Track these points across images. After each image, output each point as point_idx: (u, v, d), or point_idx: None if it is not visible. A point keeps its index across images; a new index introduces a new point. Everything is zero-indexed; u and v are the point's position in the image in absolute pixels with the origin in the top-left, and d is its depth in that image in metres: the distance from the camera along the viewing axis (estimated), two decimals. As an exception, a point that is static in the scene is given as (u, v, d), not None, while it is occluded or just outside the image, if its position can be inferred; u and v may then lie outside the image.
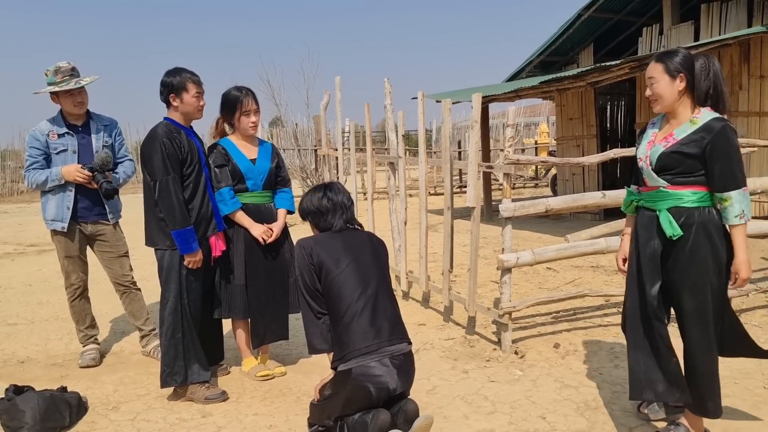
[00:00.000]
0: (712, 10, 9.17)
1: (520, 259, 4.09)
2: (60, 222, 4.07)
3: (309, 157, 15.53)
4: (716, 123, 2.70)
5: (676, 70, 2.74)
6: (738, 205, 2.66)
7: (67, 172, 3.98)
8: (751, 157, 8.14)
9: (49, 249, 9.38)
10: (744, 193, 2.68)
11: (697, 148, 2.70)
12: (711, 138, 2.67)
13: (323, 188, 3.18)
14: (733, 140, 2.69)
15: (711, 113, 2.75)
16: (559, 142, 12.44)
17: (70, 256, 4.17)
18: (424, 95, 5.15)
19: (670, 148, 2.77)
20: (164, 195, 3.44)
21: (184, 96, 3.62)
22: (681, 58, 2.75)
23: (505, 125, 4.12)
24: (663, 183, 2.80)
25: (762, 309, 4.88)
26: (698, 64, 2.73)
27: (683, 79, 2.74)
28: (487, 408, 3.33)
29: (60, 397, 3.33)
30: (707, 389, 2.78)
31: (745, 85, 8.49)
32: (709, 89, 2.74)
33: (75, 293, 4.25)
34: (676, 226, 2.75)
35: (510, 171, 4.19)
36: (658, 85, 2.79)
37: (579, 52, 12.04)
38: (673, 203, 2.79)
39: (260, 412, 3.42)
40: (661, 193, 2.82)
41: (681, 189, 2.77)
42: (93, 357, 4.23)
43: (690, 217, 2.74)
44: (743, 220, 2.67)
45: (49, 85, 4.04)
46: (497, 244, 7.60)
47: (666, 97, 2.78)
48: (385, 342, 2.88)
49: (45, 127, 4.07)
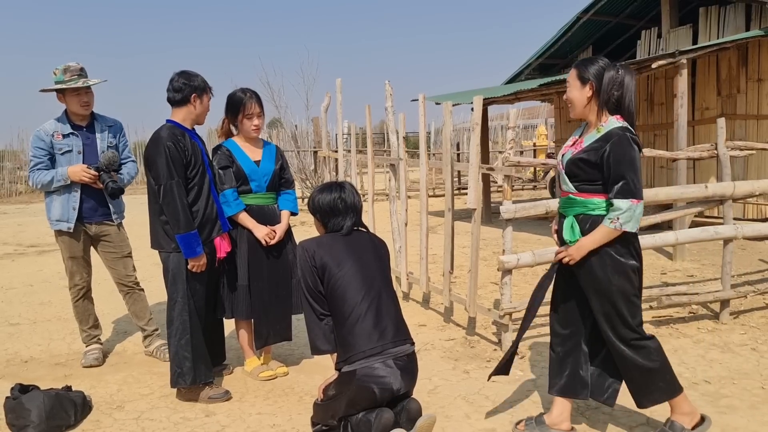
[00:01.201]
0: (711, 13, 9.22)
1: (520, 260, 4.12)
2: (66, 222, 4.09)
3: (308, 158, 15.57)
4: (616, 132, 2.71)
5: (586, 77, 2.78)
6: (617, 212, 2.66)
7: (73, 172, 4.00)
8: (749, 160, 8.19)
9: (49, 249, 9.40)
10: (631, 204, 2.64)
11: (596, 156, 2.73)
12: (608, 146, 2.69)
13: (338, 188, 3.18)
14: (627, 150, 2.67)
15: (617, 122, 2.75)
16: (558, 144, 12.49)
17: (74, 257, 4.18)
18: (425, 98, 5.18)
19: (576, 154, 2.81)
20: (168, 199, 3.46)
21: (204, 98, 3.66)
22: (595, 67, 2.77)
23: (506, 127, 4.16)
24: (572, 189, 2.85)
25: (760, 311, 4.92)
26: (609, 75, 2.74)
27: (591, 87, 2.78)
28: (487, 408, 3.37)
29: (65, 396, 3.36)
30: (642, 379, 2.81)
31: (743, 88, 8.54)
32: (616, 99, 2.75)
33: (78, 294, 4.27)
34: (577, 232, 2.80)
35: (510, 173, 4.23)
36: (570, 89, 2.85)
37: (578, 55, 12.07)
38: (580, 210, 2.83)
39: (263, 411, 3.45)
40: (570, 199, 2.87)
41: (588, 197, 2.80)
42: (96, 357, 4.25)
43: (595, 225, 2.76)
44: (613, 225, 2.66)
45: (56, 83, 4.06)
46: (496, 245, 7.64)
47: (576, 103, 2.83)
48: (389, 344, 2.91)
49: (50, 128, 4.10)
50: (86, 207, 4.12)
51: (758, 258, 6.52)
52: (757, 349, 4.13)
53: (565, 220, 2.88)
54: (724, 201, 4.70)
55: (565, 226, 2.86)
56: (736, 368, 3.79)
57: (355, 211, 3.16)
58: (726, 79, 8.67)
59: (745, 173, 8.23)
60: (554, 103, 12.44)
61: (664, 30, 9.93)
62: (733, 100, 8.61)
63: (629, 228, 2.68)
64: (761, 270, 6.08)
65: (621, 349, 2.81)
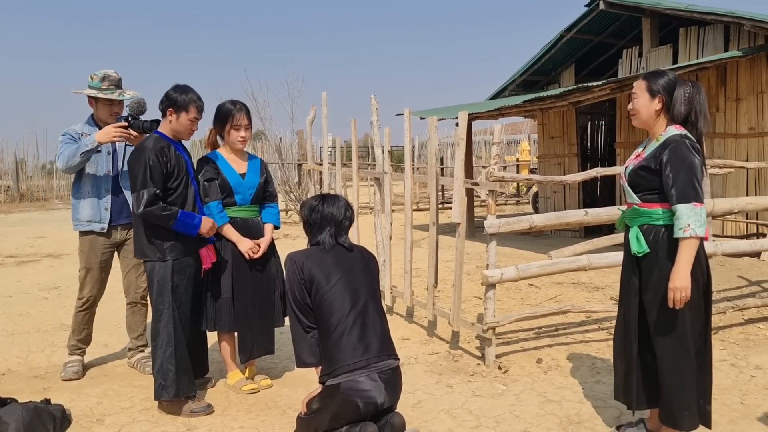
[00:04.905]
0: (690, 34, 9.40)
1: (504, 274, 4.15)
2: (98, 223, 4.03)
3: (292, 171, 15.56)
4: (674, 138, 2.77)
5: (657, 90, 2.86)
6: (684, 218, 2.68)
7: (104, 133, 3.90)
8: (728, 178, 8.33)
9: (28, 260, 9.28)
10: (693, 207, 2.68)
11: (656, 163, 2.79)
12: (666, 152, 2.76)
13: (320, 199, 3.21)
14: (685, 154, 2.72)
15: (675, 130, 2.81)
16: (541, 160, 12.61)
17: (89, 268, 4.10)
18: (410, 112, 5.22)
19: (638, 164, 2.88)
20: (145, 208, 3.44)
21: (182, 116, 3.64)
22: (664, 81, 2.86)
23: (490, 143, 4.21)
24: (636, 200, 2.90)
25: (739, 326, 4.98)
26: (680, 90, 2.82)
27: (661, 100, 2.85)
28: (471, 422, 3.37)
29: (44, 409, 3.31)
30: (676, 402, 2.82)
31: (721, 107, 8.70)
32: (686, 114, 2.83)
33: (83, 305, 4.19)
34: (642, 243, 2.83)
35: (495, 188, 4.26)
36: (638, 100, 2.91)
37: (561, 72, 12.24)
38: (644, 220, 2.87)
39: (246, 425, 3.42)
40: (635, 210, 2.92)
41: (652, 207, 2.85)
42: (76, 371, 4.17)
43: (659, 234, 2.81)
44: (687, 233, 2.67)
45: (92, 88, 4.04)
46: (480, 260, 7.67)
47: (642, 114, 2.91)
48: (374, 358, 2.91)
49: (78, 128, 4.07)
50: (113, 209, 4.07)
51: (737, 274, 6.61)
52: (736, 365, 4.18)
53: (630, 232, 2.92)
54: (704, 218, 4.76)
55: (631, 239, 2.89)
56: (716, 384, 3.81)
57: (335, 223, 3.17)
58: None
59: (724, 191, 8.36)
60: (537, 119, 12.57)
61: (645, 49, 10.11)
62: (712, 119, 8.76)
63: (702, 233, 2.69)
64: (740, 286, 6.16)
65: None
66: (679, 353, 2.81)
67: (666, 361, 2.84)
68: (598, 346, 4.58)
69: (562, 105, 8.89)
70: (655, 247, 2.82)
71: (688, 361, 2.81)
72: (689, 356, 2.81)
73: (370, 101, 5.57)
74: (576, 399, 3.66)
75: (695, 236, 2.68)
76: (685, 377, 2.81)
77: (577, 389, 3.81)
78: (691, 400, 2.82)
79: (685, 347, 2.80)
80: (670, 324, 2.81)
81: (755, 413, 3.42)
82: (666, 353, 2.84)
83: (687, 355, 2.80)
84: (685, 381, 2.81)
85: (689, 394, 2.82)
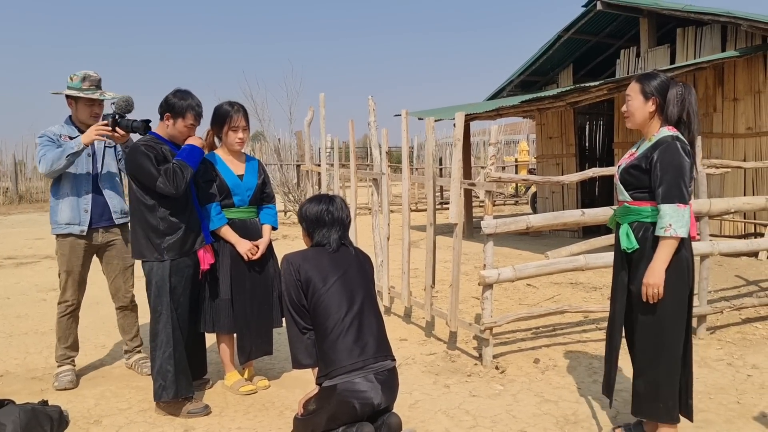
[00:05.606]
0: (688, 34, 9.41)
1: (501, 275, 4.15)
2: (78, 225, 3.98)
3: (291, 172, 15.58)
4: (665, 139, 2.81)
5: (650, 92, 2.89)
6: (666, 218, 2.73)
7: (87, 134, 3.85)
8: (725, 178, 8.35)
9: (26, 262, 9.28)
10: (677, 208, 2.73)
11: (646, 163, 2.83)
12: (657, 152, 2.80)
13: (327, 200, 3.20)
14: (674, 156, 2.76)
15: (668, 131, 2.85)
16: (539, 160, 12.62)
17: (70, 271, 4.06)
18: (408, 113, 5.23)
19: (630, 163, 2.93)
20: (170, 176, 3.43)
21: (178, 122, 3.63)
22: (657, 82, 2.89)
23: (487, 143, 4.21)
24: (627, 198, 2.95)
25: (736, 326, 4.99)
26: (673, 92, 2.86)
27: (655, 102, 2.88)
28: (468, 422, 3.38)
29: (41, 410, 3.31)
30: (651, 395, 2.87)
31: (719, 107, 8.72)
32: (678, 115, 2.86)
33: (66, 310, 4.15)
34: (632, 240, 2.88)
35: (492, 188, 4.27)
36: (632, 102, 2.95)
37: (559, 73, 12.26)
38: (634, 218, 2.92)
39: (243, 426, 3.42)
40: (625, 207, 2.97)
41: (642, 204, 2.90)
42: (70, 380, 4.06)
43: (648, 231, 2.86)
44: (668, 233, 2.73)
45: (71, 89, 3.99)
46: (477, 260, 7.68)
47: (636, 116, 2.94)
48: (371, 359, 2.91)
49: (57, 130, 4.00)
50: (94, 211, 4.02)
51: (734, 274, 6.62)
52: (733, 364, 4.19)
53: (620, 229, 2.97)
54: (701, 218, 4.78)
55: (621, 235, 2.95)
56: (712, 383, 3.85)
57: (343, 225, 3.18)
58: (702, 98, 8.84)
59: (722, 191, 8.38)
60: (536, 119, 12.58)
61: (642, 49, 10.12)
62: (709, 118, 8.78)
63: (683, 233, 2.74)
64: (737, 286, 6.17)
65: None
66: (657, 347, 2.87)
67: (645, 354, 2.91)
68: (596, 346, 4.59)
69: (560, 105, 8.89)
70: (644, 243, 2.88)
71: (665, 356, 2.86)
72: (666, 352, 2.86)
73: (368, 102, 5.58)
74: (573, 399, 3.67)
75: (675, 236, 2.74)
76: (659, 371, 2.87)
77: (574, 389, 3.81)
78: (667, 394, 2.87)
79: (662, 342, 2.86)
80: (651, 318, 2.87)
81: (751, 412, 3.43)
82: (644, 347, 2.91)
83: (664, 351, 2.86)
84: (659, 375, 2.87)
85: (664, 387, 2.86)
